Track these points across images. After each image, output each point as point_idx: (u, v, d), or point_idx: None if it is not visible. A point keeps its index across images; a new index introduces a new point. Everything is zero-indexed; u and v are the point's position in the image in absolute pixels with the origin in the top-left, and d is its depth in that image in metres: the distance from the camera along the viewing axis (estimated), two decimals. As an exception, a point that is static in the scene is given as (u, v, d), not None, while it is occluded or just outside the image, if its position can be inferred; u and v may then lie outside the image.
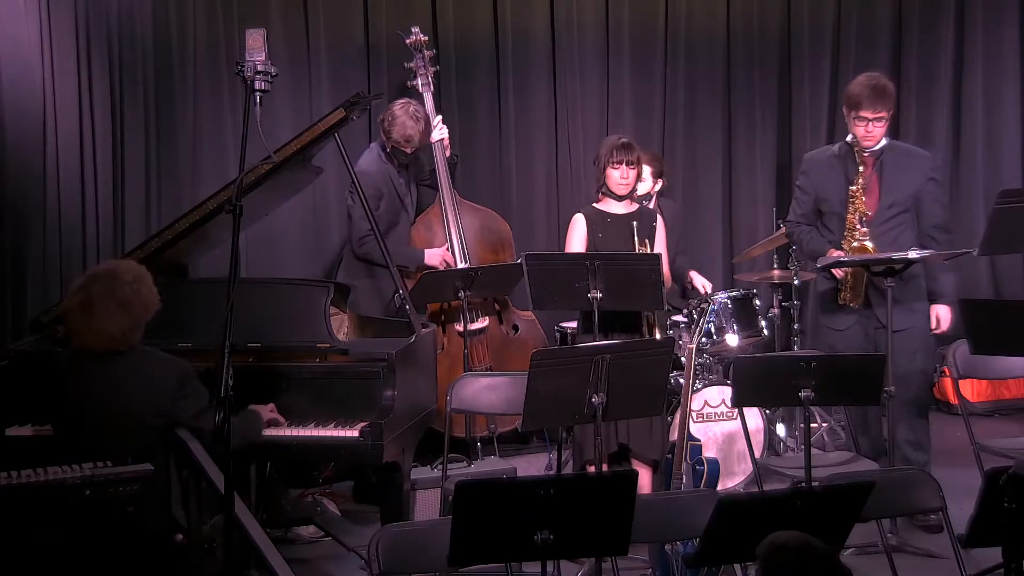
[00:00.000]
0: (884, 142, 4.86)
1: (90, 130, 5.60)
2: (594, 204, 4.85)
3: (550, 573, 3.36)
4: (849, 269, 4.81)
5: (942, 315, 4.91)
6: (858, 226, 4.80)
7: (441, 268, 5.51)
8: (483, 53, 6.59)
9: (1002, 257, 6.84)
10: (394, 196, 5.50)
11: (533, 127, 6.67)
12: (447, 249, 5.63)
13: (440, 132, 5.70)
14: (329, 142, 4.54)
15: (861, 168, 4.80)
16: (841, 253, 4.79)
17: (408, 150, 5.45)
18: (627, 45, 6.77)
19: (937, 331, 4.94)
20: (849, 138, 4.93)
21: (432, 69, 5.83)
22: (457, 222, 5.68)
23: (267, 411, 4.08)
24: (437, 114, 5.77)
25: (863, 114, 4.78)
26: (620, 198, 4.76)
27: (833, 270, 4.84)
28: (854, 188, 4.81)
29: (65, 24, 5.48)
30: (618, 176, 4.70)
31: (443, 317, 5.62)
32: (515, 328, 5.82)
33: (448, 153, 5.74)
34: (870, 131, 4.80)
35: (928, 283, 4.91)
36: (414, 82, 5.82)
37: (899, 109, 6.88)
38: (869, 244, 4.77)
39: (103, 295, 3.55)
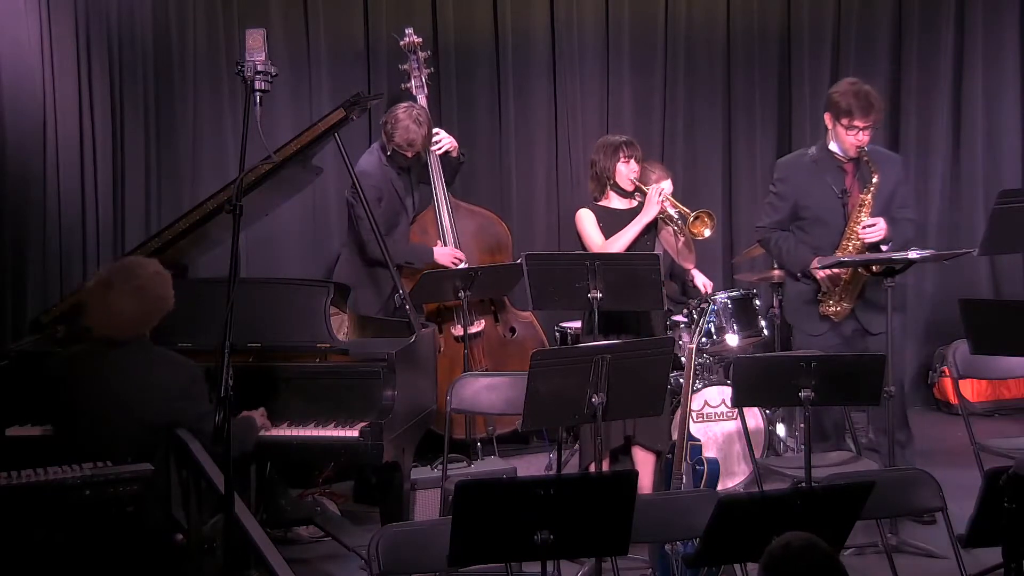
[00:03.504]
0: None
1: (90, 130, 5.60)
2: (596, 202, 4.90)
3: (550, 573, 3.35)
4: (846, 276, 4.80)
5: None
6: (860, 232, 4.77)
7: (451, 267, 5.49)
8: (483, 53, 6.58)
9: (1002, 257, 6.83)
10: (394, 198, 5.47)
11: (533, 127, 6.67)
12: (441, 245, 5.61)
13: (445, 142, 5.62)
14: (329, 142, 4.55)
15: (875, 178, 4.75)
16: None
17: (409, 153, 5.42)
18: (627, 45, 6.76)
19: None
20: (831, 145, 4.90)
21: (427, 71, 5.79)
22: (451, 224, 5.65)
23: (259, 415, 4.06)
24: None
25: (856, 123, 4.74)
26: (627, 193, 4.86)
27: (826, 278, 4.82)
28: (864, 194, 4.76)
29: (65, 24, 5.48)
30: (627, 171, 4.83)
31: (439, 319, 5.60)
32: (512, 331, 5.80)
33: (456, 154, 5.71)
34: (860, 140, 4.77)
35: None
36: (408, 84, 5.79)
37: (899, 110, 6.90)
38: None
39: (122, 277, 3.65)
